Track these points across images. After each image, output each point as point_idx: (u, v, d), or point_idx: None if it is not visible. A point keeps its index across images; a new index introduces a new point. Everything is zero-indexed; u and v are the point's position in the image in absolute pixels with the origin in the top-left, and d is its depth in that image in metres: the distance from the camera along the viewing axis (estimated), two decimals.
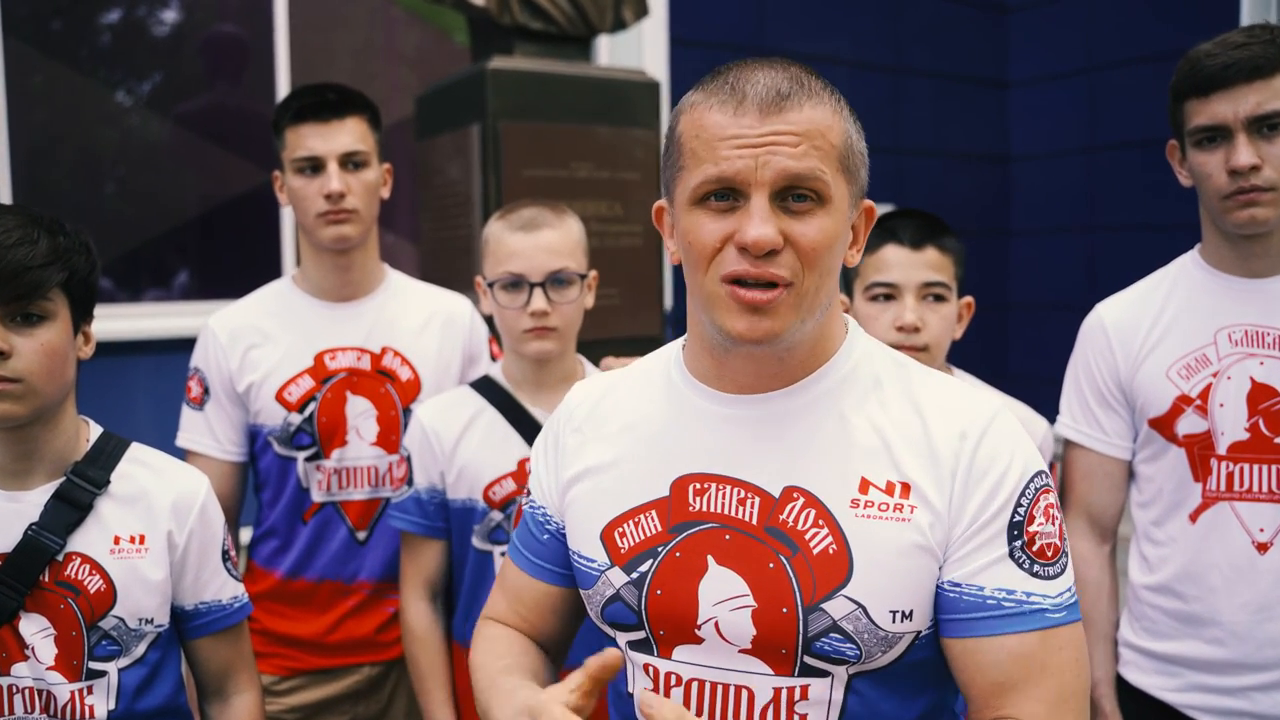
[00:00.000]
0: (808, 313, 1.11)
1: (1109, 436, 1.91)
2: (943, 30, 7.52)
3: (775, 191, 1.07)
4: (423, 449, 1.92)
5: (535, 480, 1.34)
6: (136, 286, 4.62)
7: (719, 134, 1.09)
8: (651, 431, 1.22)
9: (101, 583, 1.49)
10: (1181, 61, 1.76)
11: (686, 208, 1.12)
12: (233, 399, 2.13)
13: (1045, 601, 1.10)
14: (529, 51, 3.52)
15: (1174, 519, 1.83)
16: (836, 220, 1.10)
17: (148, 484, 1.56)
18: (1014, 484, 1.11)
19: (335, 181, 2.05)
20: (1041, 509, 1.13)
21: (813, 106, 1.09)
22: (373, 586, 2.15)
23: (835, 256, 1.12)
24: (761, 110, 1.07)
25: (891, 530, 1.10)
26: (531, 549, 1.34)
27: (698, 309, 1.16)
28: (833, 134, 1.10)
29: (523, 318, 1.86)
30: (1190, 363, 1.79)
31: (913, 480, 1.12)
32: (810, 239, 1.08)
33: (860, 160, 1.16)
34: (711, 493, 1.16)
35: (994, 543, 1.10)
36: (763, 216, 1.06)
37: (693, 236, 1.11)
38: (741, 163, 1.07)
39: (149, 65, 4.67)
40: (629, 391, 1.29)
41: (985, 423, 1.14)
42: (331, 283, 2.17)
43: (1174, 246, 1.96)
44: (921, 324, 1.89)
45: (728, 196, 1.09)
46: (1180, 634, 1.82)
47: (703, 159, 1.09)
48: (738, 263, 1.08)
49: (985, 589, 1.10)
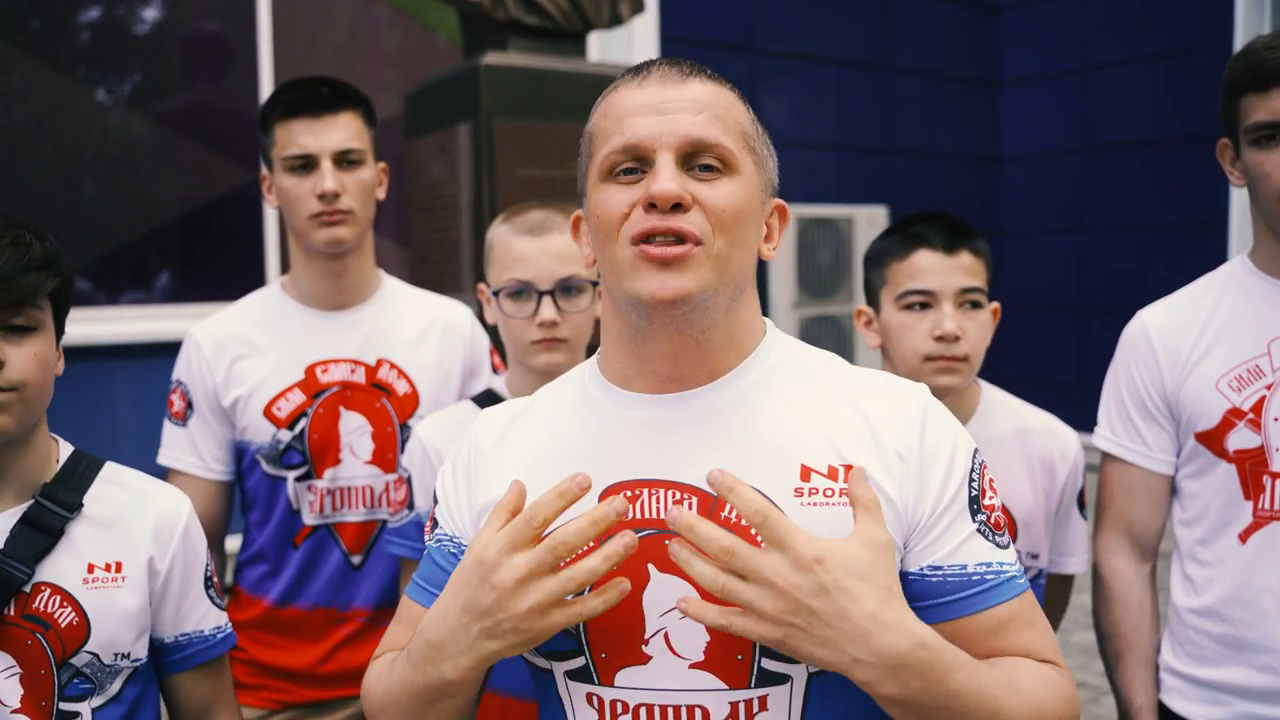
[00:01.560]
0: (721, 279, 1.08)
1: (1151, 450, 1.81)
2: (935, 30, 7.49)
3: (681, 156, 1.07)
4: (423, 470, 1.80)
5: (443, 511, 1.24)
6: (115, 289, 4.54)
7: (624, 107, 1.10)
8: (569, 447, 1.16)
9: (74, 615, 1.37)
10: (1237, 55, 1.66)
11: (595, 186, 1.12)
12: (218, 414, 2.01)
13: (1013, 569, 1.11)
14: (523, 47, 3.43)
15: (1222, 539, 1.74)
16: (746, 195, 1.10)
17: (125, 506, 1.45)
18: (964, 461, 1.11)
19: (329, 180, 1.93)
20: (987, 482, 1.14)
21: (713, 86, 1.12)
22: (369, 614, 2.03)
23: (747, 228, 1.11)
24: (663, 82, 1.10)
25: (840, 516, 1.05)
26: (439, 583, 1.21)
27: (611, 288, 1.12)
28: (736, 113, 1.12)
29: (530, 328, 1.74)
30: (1242, 374, 1.69)
31: (855, 464, 1.08)
32: (718, 200, 1.07)
33: (767, 152, 1.17)
34: (645, 499, 1.09)
35: (960, 520, 1.10)
36: (669, 174, 1.06)
37: (601, 210, 1.10)
38: (645, 128, 1.08)
39: (129, 63, 4.59)
40: (540, 413, 1.22)
41: (923, 408, 1.13)
42: (323, 290, 2.05)
43: (1165, 248, 1.87)
44: (961, 332, 1.78)
45: (635, 171, 1.09)
46: (1228, 660, 1.73)
47: (609, 134, 1.10)
48: (645, 220, 1.06)
49: (968, 566, 1.09)
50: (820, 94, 6.93)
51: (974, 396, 1.91)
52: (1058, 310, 7.11)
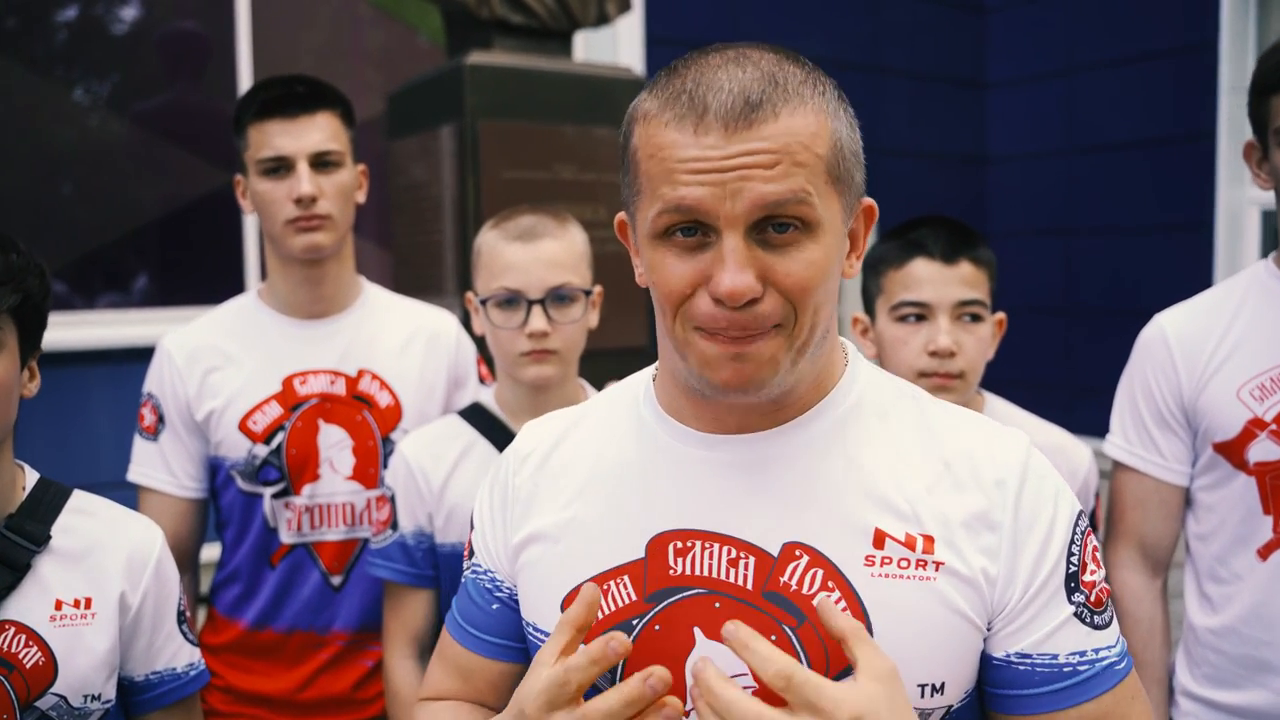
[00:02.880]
0: (800, 353, 0.96)
1: (1166, 461, 1.74)
2: (920, 30, 7.45)
3: (751, 224, 0.91)
4: (408, 488, 1.72)
5: (480, 541, 1.15)
6: (92, 292, 4.45)
7: (677, 156, 0.91)
8: (620, 481, 1.05)
9: (40, 655, 1.29)
10: (1268, 53, 1.60)
11: (649, 241, 0.95)
12: (190, 428, 1.92)
13: (1111, 654, 1.00)
14: (509, 47, 3.35)
15: (1240, 555, 1.67)
16: (827, 247, 0.94)
17: (95, 538, 1.37)
18: (1064, 533, 0.99)
19: (306, 184, 1.85)
20: (1090, 554, 1.02)
21: (790, 113, 0.91)
22: (349, 637, 1.94)
23: (829, 287, 0.96)
24: (727, 126, 0.90)
25: (915, 591, 0.96)
26: (478, 622, 1.15)
27: (670, 351, 1.00)
28: (819, 142, 0.93)
29: (519, 339, 1.66)
30: (1265, 383, 1.63)
31: (936, 534, 0.97)
32: (796, 277, 0.92)
33: (854, 162, 0.99)
34: (696, 552, 1.00)
35: (1055, 602, 0.98)
36: (738, 262, 0.90)
37: (658, 277, 0.95)
38: (706, 191, 0.90)
39: (107, 63, 4.52)
40: (590, 433, 1.11)
41: (1022, 466, 1.00)
42: (301, 298, 1.96)
43: (1152, 249, 1.81)
44: (957, 347, 1.71)
45: (695, 231, 0.92)
46: (1247, 682, 1.67)
47: (660, 186, 0.92)
48: (712, 311, 0.92)
49: (1059, 656, 0.98)
50: None
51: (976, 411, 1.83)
52: (1045, 312, 7.07)
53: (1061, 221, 7.28)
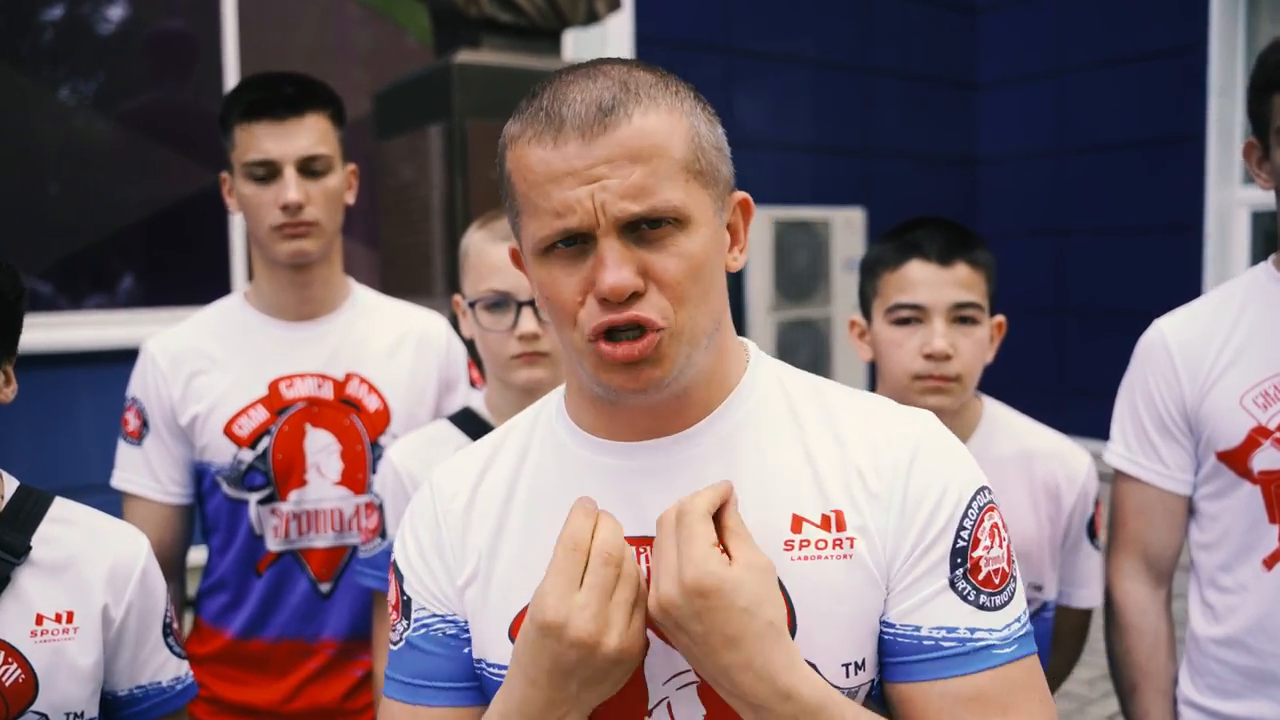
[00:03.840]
0: (691, 346, 0.98)
1: (1169, 469, 1.71)
2: (911, 31, 7.43)
3: (624, 225, 0.94)
4: (397, 495, 1.68)
5: (420, 589, 1.11)
6: (77, 293, 4.40)
7: (544, 173, 0.95)
8: (544, 502, 1.06)
9: (20, 673, 1.25)
10: (1268, 50, 1.57)
11: (535, 259, 0.99)
12: (175, 433, 1.88)
13: (992, 637, 0.98)
14: (497, 45, 3.31)
15: (1245, 564, 1.64)
16: (701, 237, 0.97)
17: (77, 549, 1.32)
18: (953, 505, 1.00)
19: (293, 191, 1.80)
20: (986, 530, 1.01)
21: (643, 114, 0.95)
22: (338, 646, 1.90)
23: (708, 277, 0.99)
24: (583, 134, 0.94)
25: (835, 570, 0.99)
26: (448, 673, 1.10)
27: (571, 362, 1.04)
28: (674, 142, 0.96)
29: (509, 341, 1.62)
30: (1268, 390, 1.60)
31: (846, 509, 1.00)
32: (673, 272, 0.95)
33: (717, 156, 1.01)
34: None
35: (933, 574, 0.99)
36: (615, 260, 0.94)
37: (550, 292, 0.99)
38: (577, 202, 0.94)
39: (93, 63, 4.46)
40: (506, 463, 1.12)
41: (916, 440, 1.02)
42: (288, 300, 1.92)
43: (1142, 250, 1.78)
44: (953, 350, 1.68)
45: (574, 241, 0.96)
46: (1252, 693, 1.64)
47: (538, 206, 0.96)
48: (601, 314, 0.95)
49: (921, 628, 0.98)
50: (796, 95, 6.86)
51: (974, 415, 1.80)
52: (1036, 313, 7.07)
53: (1052, 222, 7.28)
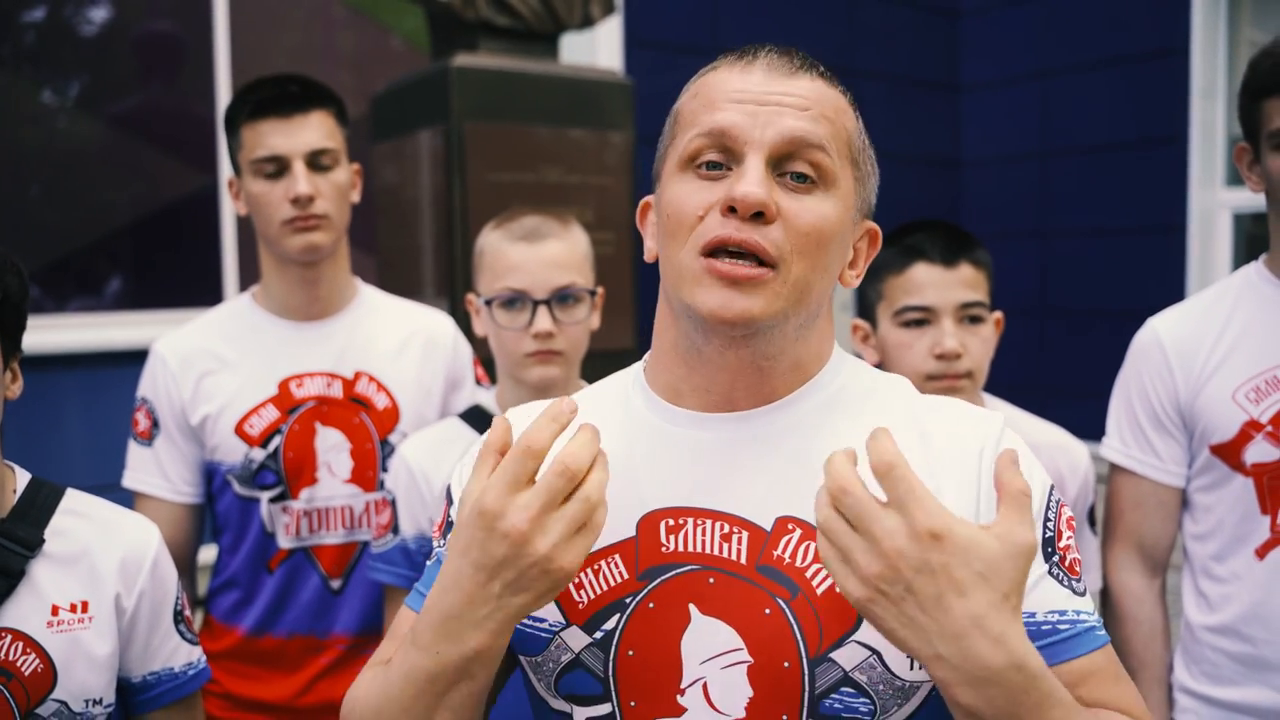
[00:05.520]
0: (793, 306, 0.96)
1: (1164, 462, 1.76)
2: (895, 33, 7.46)
3: (774, 159, 0.96)
4: (410, 492, 1.70)
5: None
6: (64, 296, 4.39)
7: (720, 89, 0.99)
8: (610, 464, 1.01)
9: (38, 662, 1.27)
10: (1259, 56, 1.61)
11: (674, 173, 1.00)
12: (186, 433, 1.90)
13: (1090, 619, 0.98)
14: (494, 49, 3.33)
15: (1238, 554, 1.69)
16: (839, 211, 0.98)
17: (89, 540, 1.34)
18: (1039, 499, 1.00)
19: (302, 183, 1.82)
20: (1065, 522, 1.02)
21: (827, 84, 1.01)
22: (349, 641, 1.92)
23: (831, 251, 0.99)
24: (771, 71, 0.99)
25: None
26: None
27: (669, 292, 1.01)
28: (845, 118, 1.01)
29: (524, 339, 1.65)
30: (1260, 385, 1.64)
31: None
32: (806, 218, 0.95)
33: (870, 168, 1.05)
34: (689, 529, 0.99)
35: (1034, 564, 0.96)
36: (756, 175, 0.94)
37: (674, 205, 0.98)
38: (740, 116, 0.96)
39: (81, 64, 4.45)
40: (574, 427, 1.08)
41: (996, 438, 1.01)
42: (297, 300, 1.94)
43: (1126, 251, 1.82)
44: (963, 349, 1.72)
45: (720, 166, 0.97)
46: (1246, 680, 1.68)
47: (699, 119, 0.99)
48: (721, 227, 0.94)
49: (1037, 614, 0.96)
50: None
51: None
52: (1020, 314, 7.11)
53: (1035, 224, 7.33)
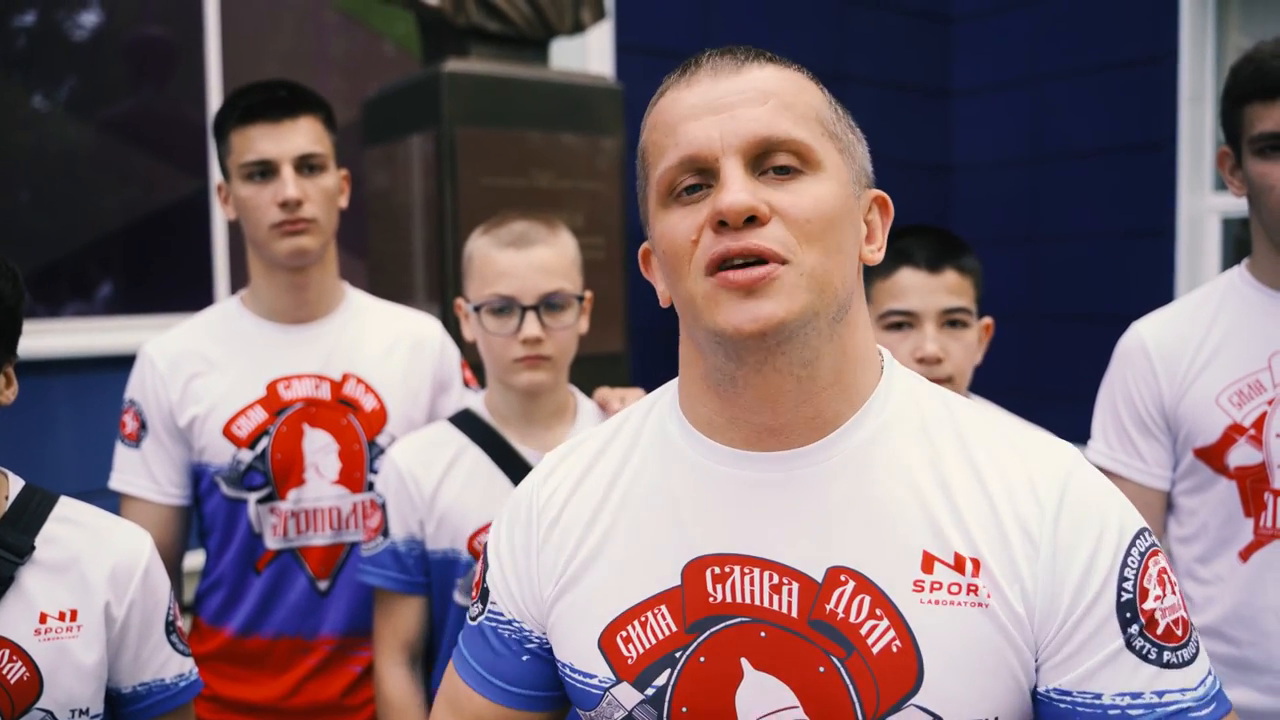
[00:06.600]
0: (818, 299, 0.88)
1: (1148, 466, 1.77)
2: (886, 39, 7.48)
3: (749, 159, 0.90)
4: (399, 495, 1.71)
5: (501, 584, 1.06)
6: (54, 301, 4.38)
7: (673, 112, 0.93)
8: (649, 506, 0.99)
9: (24, 670, 1.26)
10: (1241, 62, 1.62)
11: (657, 210, 0.95)
12: (173, 435, 1.90)
13: (1185, 698, 0.87)
14: (485, 54, 3.33)
15: (1222, 556, 1.70)
16: (834, 189, 0.91)
17: (80, 548, 1.33)
18: (1111, 554, 0.89)
19: (291, 187, 1.83)
20: (1154, 578, 0.90)
21: (777, 69, 0.94)
22: (337, 642, 1.92)
23: (842, 232, 0.91)
24: (716, 74, 0.93)
25: (967, 618, 0.88)
26: (504, 673, 1.06)
27: (691, 328, 0.95)
28: (807, 95, 0.94)
29: (513, 345, 1.65)
30: (1243, 389, 1.65)
31: (985, 557, 0.89)
32: (802, 206, 0.89)
33: (853, 137, 0.99)
34: (736, 578, 0.93)
35: (1103, 633, 0.88)
36: (735, 182, 0.88)
37: (667, 238, 0.93)
38: (701, 131, 0.90)
39: (70, 68, 4.44)
40: (615, 456, 1.04)
41: (1062, 484, 0.91)
42: (285, 303, 1.95)
43: (1115, 255, 1.83)
44: (944, 354, 1.73)
45: (698, 188, 0.91)
46: (1230, 681, 1.69)
47: (665, 147, 0.93)
48: (717, 243, 0.88)
49: (1103, 695, 0.87)
50: None
51: None
52: (1010, 318, 7.13)
53: (1026, 229, 7.35)
